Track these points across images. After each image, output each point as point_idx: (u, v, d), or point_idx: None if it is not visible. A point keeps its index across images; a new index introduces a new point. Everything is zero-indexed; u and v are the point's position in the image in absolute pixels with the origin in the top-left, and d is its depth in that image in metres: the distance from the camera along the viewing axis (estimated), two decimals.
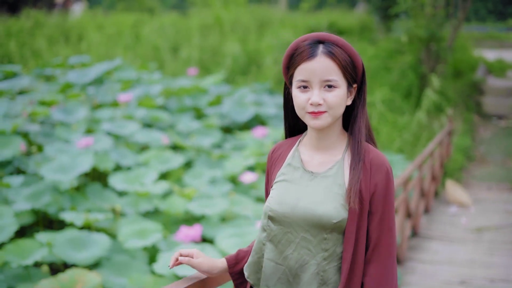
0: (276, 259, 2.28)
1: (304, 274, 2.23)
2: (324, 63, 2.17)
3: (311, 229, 2.22)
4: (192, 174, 8.68)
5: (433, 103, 12.69)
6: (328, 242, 2.21)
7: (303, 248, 2.23)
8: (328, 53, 2.18)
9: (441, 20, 14.36)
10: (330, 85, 2.18)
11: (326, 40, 2.21)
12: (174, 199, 7.60)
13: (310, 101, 2.18)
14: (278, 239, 2.27)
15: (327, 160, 2.30)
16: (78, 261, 5.76)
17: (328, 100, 2.18)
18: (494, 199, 9.83)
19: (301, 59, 2.19)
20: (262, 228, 2.33)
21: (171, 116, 11.48)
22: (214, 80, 14.12)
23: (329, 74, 2.17)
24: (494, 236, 7.86)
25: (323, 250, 2.22)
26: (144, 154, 9.05)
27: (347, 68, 2.20)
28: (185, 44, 18.32)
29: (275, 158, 2.42)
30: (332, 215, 2.19)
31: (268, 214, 2.29)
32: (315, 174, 2.29)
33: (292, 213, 2.24)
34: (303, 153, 2.36)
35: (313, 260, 2.22)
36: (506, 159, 12.66)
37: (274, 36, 18.34)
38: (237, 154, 9.63)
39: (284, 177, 2.33)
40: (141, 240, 6.22)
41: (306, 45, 2.20)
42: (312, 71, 2.18)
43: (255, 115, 12.03)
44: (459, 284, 6.26)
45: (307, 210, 2.22)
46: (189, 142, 10.02)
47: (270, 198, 2.31)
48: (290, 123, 2.45)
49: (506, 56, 21.37)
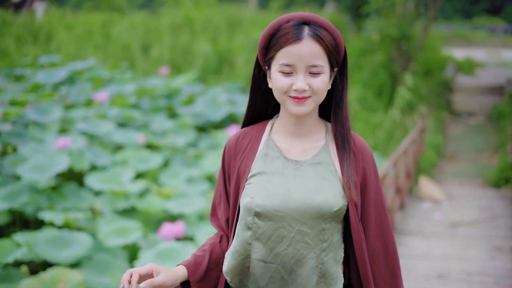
0: (266, 258, 2.11)
1: (302, 269, 2.10)
2: (311, 47, 2.02)
3: (308, 221, 2.08)
4: (168, 173, 8.68)
5: (406, 101, 12.84)
6: (327, 233, 2.10)
7: (299, 242, 2.08)
8: (315, 36, 2.03)
9: (412, 19, 14.54)
10: (315, 71, 2.04)
11: (311, 21, 2.05)
12: (152, 198, 7.61)
13: (294, 86, 2.04)
14: (267, 237, 2.09)
15: (310, 147, 2.17)
16: (60, 260, 5.73)
17: (314, 86, 2.05)
18: (466, 195, 9.99)
19: (286, 41, 2.03)
20: (245, 226, 2.12)
21: (145, 116, 11.45)
22: (185, 79, 14.13)
23: (316, 59, 2.03)
24: (468, 231, 7.99)
25: (321, 242, 2.10)
26: (121, 153, 9.03)
27: (333, 52, 2.07)
28: (156, 43, 18.27)
29: (241, 148, 2.22)
30: (332, 204, 2.08)
31: (255, 210, 2.08)
32: (300, 162, 2.14)
33: (284, 206, 2.07)
34: (278, 141, 2.19)
35: (311, 253, 2.09)
36: (476, 155, 12.87)
37: (245, 36, 18.39)
38: (212, 153, 9.64)
39: (262, 168, 2.14)
40: (121, 238, 6.21)
41: (290, 26, 2.04)
42: (298, 55, 2.02)
43: (228, 114, 12.06)
44: (436, 277, 6.35)
45: (303, 201, 2.07)
46: (164, 142, 10.01)
47: (251, 193, 2.11)
48: (256, 110, 2.27)
49: (474, 54, 21.71)
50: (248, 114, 2.28)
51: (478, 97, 15.99)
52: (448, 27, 33.93)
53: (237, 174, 2.20)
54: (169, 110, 12.33)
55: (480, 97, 16.05)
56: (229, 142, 2.25)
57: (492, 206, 9.34)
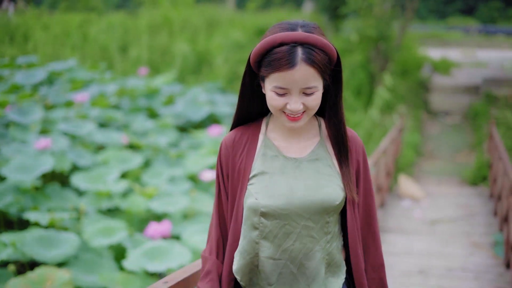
0: (274, 255, 2.17)
1: (310, 262, 2.18)
2: (305, 72, 2.03)
3: (312, 216, 2.15)
4: (151, 173, 8.73)
5: (384, 101, 13.00)
6: (330, 225, 2.19)
7: (305, 236, 2.16)
8: (308, 61, 2.02)
9: (389, 20, 14.71)
10: (309, 92, 2.07)
11: (304, 43, 2.03)
12: (135, 198, 7.65)
13: (289, 107, 2.07)
14: (274, 235, 2.16)
15: (306, 144, 2.23)
16: (48, 260, 5.76)
17: (308, 104, 2.08)
18: (445, 192, 10.16)
19: (279, 66, 2.03)
20: (251, 226, 2.18)
21: (125, 116, 11.47)
22: (165, 79, 14.16)
23: (310, 82, 2.05)
24: (448, 228, 8.13)
25: (325, 234, 2.18)
26: (102, 153, 9.05)
27: (326, 70, 2.08)
28: (134, 44, 18.27)
29: (239, 149, 2.25)
30: (334, 198, 2.15)
31: (261, 210, 2.14)
32: (299, 160, 2.20)
33: (289, 204, 2.14)
34: (275, 139, 2.24)
35: (317, 246, 2.18)
36: (453, 154, 13.06)
37: (224, 36, 18.45)
38: (194, 152, 9.70)
39: (262, 168, 2.20)
40: (107, 238, 6.26)
41: (283, 51, 2.02)
42: (292, 80, 2.04)
43: (209, 114, 12.12)
44: (418, 273, 6.47)
45: (307, 198, 2.14)
46: (146, 142, 10.04)
47: (255, 194, 2.16)
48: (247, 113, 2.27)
49: (449, 54, 21.96)
50: (238, 118, 2.29)
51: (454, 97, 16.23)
52: (422, 27, 34.24)
53: (237, 174, 2.22)
54: (149, 110, 12.36)
55: (457, 97, 16.30)
56: (225, 142, 2.26)
57: (470, 203, 9.51)
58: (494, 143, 10.09)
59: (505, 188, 7.73)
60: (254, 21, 20.07)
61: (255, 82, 2.19)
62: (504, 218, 7.49)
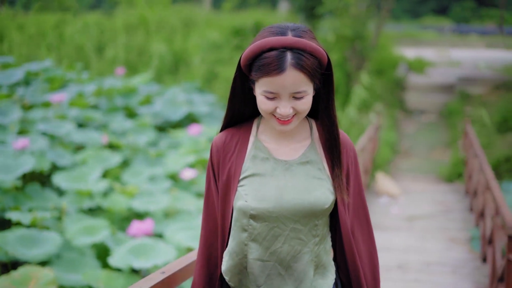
0: (262, 257, 2.18)
1: (298, 264, 2.18)
2: (294, 77, 2.03)
3: (301, 219, 2.16)
4: (131, 173, 8.76)
5: (362, 100, 13.14)
6: (319, 227, 2.19)
7: (294, 238, 2.16)
8: (297, 66, 2.02)
9: (365, 19, 14.86)
10: (299, 96, 2.07)
11: (294, 47, 2.03)
12: (116, 197, 7.69)
13: (279, 111, 2.08)
14: (262, 237, 2.17)
15: (297, 146, 2.23)
16: (30, 258, 5.79)
17: (298, 107, 2.09)
18: (421, 189, 10.31)
19: (268, 71, 2.04)
20: (240, 228, 2.18)
21: (103, 116, 11.48)
22: (142, 79, 14.17)
23: (299, 86, 2.05)
24: (425, 224, 8.26)
25: (314, 236, 2.19)
26: (82, 153, 9.07)
27: (316, 74, 2.08)
28: (111, 44, 18.24)
29: (229, 150, 2.25)
30: (323, 201, 2.16)
31: (250, 213, 2.15)
32: (289, 162, 2.20)
33: (278, 207, 2.14)
34: (266, 141, 2.24)
35: (306, 248, 2.18)
36: (429, 152, 13.24)
37: (200, 36, 18.49)
38: (173, 152, 9.75)
39: (253, 170, 2.20)
40: (89, 237, 6.29)
41: (273, 56, 2.03)
42: (281, 85, 2.04)
43: (187, 114, 12.16)
44: (397, 268, 6.58)
45: (296, 201, 2.15)
46: (125, 141, 10.07)
47: (245, 196, 2.17)
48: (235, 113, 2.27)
49: (424, 54, 22.19)
50: (229, 120, 2.29)
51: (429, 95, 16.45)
52: (397, 27, 34.52)
53: (227, 175, 2.22)
54: (127, 110, 12.37)
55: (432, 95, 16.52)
56: (216, 144, 2.26)
57: (446, 200, 9.67)
58: (469, 141, 10.26)
59: (481, 184, 7.88)
60: (231, 21, 20.12)
61: (246, 85, 2.19)
62: (480, 213, 7.65)
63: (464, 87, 16.76)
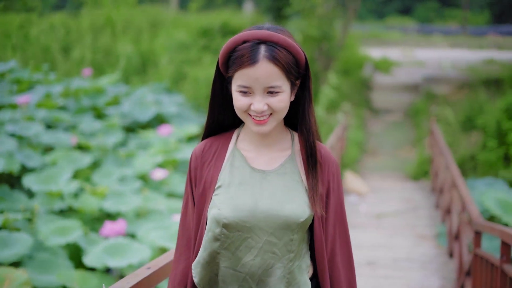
0: (234, 267, 2.10)
1: (270, 279, 2.10)
2: (267, 69, 1.99)
3: (276, 232, 2.07)
4: (101, 173, 8.77)
5: (329, 100, 13.28)
6: (294, 243, 2.10)
7: (267, 252, 2.08)
8: (270, 58, 2.00)
9: (331, 20, 15.02)
10: (273, 91, 2.02)
11: (268, 40, 2.01)
12: (87, 198, 7.69)
13: (252, 107, 2.03)
14: (235, 246, 2.09)
15: (276, 156, 2.16)
16: (2, 260, 5.78)
17: (273, 105, 2.03)
18: (389, 187, 10.48)
19: (241, 63, 2.01)
20: (213, 238, 2.10)
21: (72, 117, 11.44)
22: (109, 80, 14.13)
23: (273, 80, 2.01)
24: (393, 221, 8.42)
25: (289, 252, 2.10)
26: (51, 154, 9.04)
27: (291, 70, 2.03)
28: (77, 44, 18.13)
29: (207, 159, 2.19)
30: (298, 214, 2.08)
31: (223, 222, 2.07)
32: (266, 172, 2.13)
33: (252, 218, 2.07)
34: (244, 150, 2.17)
35: (279, 263, 2.09)
36: (395, 150, 13.43)
37: (168, 36, 18.47)
38: (143, 152, 9.77)
39: (228, 179, 2.13)
40: (62, 237, 6.30)
41: (246, 48, 2.01)
42: (254, 78, 2.00)
43: (156, 114, 12.16)
44: (366, 265, 6.70)
45: (270, 212, 2.07)
46: (94, 142, 10.05)
47: (219, 204, 2.09)
48: (215, 120, 2.21)
49: (389, 54, 22.47)
50: (209, 127, 2.24)
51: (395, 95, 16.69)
52: (362, 27, 34.83)
53: (203, 184, 2.17)
54: (95, 111, 12.33)
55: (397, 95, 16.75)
56: (195, 152, 2.21)
57: (413, 197, 9.85)
58: (434, 139, 10.45)
59: (447, 182, 8.05)
60: (198, 21, 20.13)
61: (225, 87, 2.15)
62: (447, 210, 7.82)
63: (429, 87, 17.02)
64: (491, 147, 11.23)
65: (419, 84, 17.79)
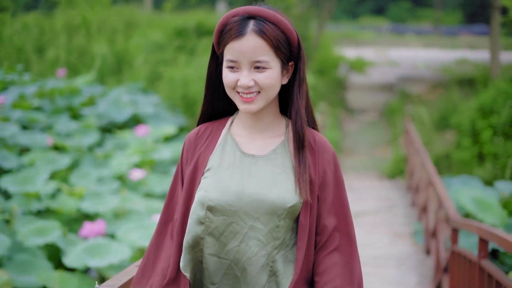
0: (219, 254, 2.06)
1: (252, 267, 2.05)
2: (253, 42, 1.98)
3: (261, 217, 2.03)
4: (78, 174, 8.73)
5: None
6: (280, 230, 2.05)
7: (252, 238, 2.03)
8: (258, 31, 1.97)
9: (307, 20, 15.11)
10: (260, 66, 2.00)
11: (257, 15, 1.99)
12: (65, 199, 7.67)
13: (239, 83, 2.01)
14: (220, 232, 2.04)
15: (268, 142, 2.12)
16: None
17: (259, 81, 2.00)
18: (365, 186, 10.58)
19: (230, 37, 2.00)
20: (197, 221, 2.06)
21: (47, 117, 11.37)
22: (84, 80, 14.06)
23: (259, 54, 1.99)
24: (371, 220, 8.51)
25: (274, 239, 2.04)
26: (28, 155, 8.99)
27: (280, 47, 2.00)
28: (51, 45, 18.01)
29: (200, 142, 2.17)
30: (286, 199, 2.03)
31: (208, 204, 2.03)
32: (257, 157, 2.09)
33: (238, 201, 2.03)
34: (237, 135, 2.15)
35: (263, 251, 2.04)
36: (371, 150, 13.54)
37: (143, 37, 18.43)
38: (120, 153, 9.74)
39: (218, 162, 2.10)
40: (41, 238, 6.28)
41: (235, 21, 2.00)
42: (241, 51, 1.99)
43: (132, 115, 12.14)
44: None
45: (257, 196, 2.03)
46: (70, 143, 10.00)
47: (206, 187, 2.06)
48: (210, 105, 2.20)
49: (364, 54, 22.61)
50: (204, 112, 2.22)
51: (370, 95, 16.82)
52: (336, 27, 35.02)
53: (193, 166, 2.14)
54: (71, 111, 12.27)
55: (372, 95, 16.89)
56: (189, 136, 2.20)
57: (390, 196, 9.96)
58: (410, 138, 10.57)
59: (423, 181, 8.15)
60: (172, 21, 20.10)
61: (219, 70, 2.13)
62: (423, 208, 7.92)
63: (403, 87, 17.18)
64: (466, 145, 11.37)
65: (394, 84, 17.95)
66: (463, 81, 16.24)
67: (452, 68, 19.36)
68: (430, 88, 16.64)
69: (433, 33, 36.53)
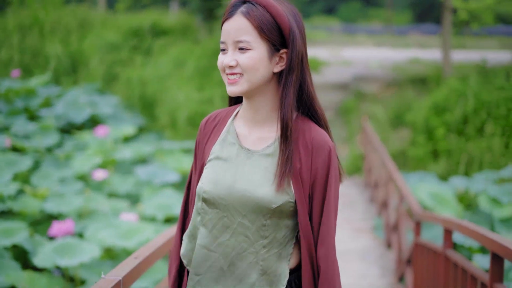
0: (209, 246, 2.08)
1: (241, 262, 2.07)
2: (237, 23, 2.02)
3: (248, 214, 2.04)
4: (40, 175, 8.71)
5: None
6: (268, 229, 2.05)
7: (240, 234, 2.05)
8: (244, 13, 2.02)
9: None
10: (242, 47, 2.01)
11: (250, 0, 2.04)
12: (27, 200, 7.65)
13: (224, 63, 2.04)
14: (213, 224, 2.08)
15: (264, 137, 2.11)
16: None
17: (240, 61, 2.02)
18: None
19: (223, 20, 2.06)
20: (196, 211, 2.13)
21: (4, 119, 11.27)
22: (39, 81, 13.95)
23: (241, 34, 2.01)
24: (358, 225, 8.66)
25: (262, 238, 2.05)
26: None
27: (263, 28, 2.01)
28: (4, 45, 17.77)
29: (209, 130, 2.21)
30: (271, 200, 2.03)
31: (202, 196, 2.08)
32: (252, 152, 2.10)
33: (228, 195, 2.05)
34: (239, 127, 2.16)
35: (251, 248, 2.06)
36: None
37: (97, 37, 18.33)
38: (81, 153, 9.73)
39: (218, 154, 2.13)
40: (7, 239, 6.27)
41: (230, 5, 2.06)
42: (227, 31, 2.04)
43: (91, 115, 12.10)
44: None
45: (244, 193, 2.04)
46: (28, 144, 9.95)
47: (203, 178, 2.11)
48: None
49: (317, 53, 22.85)
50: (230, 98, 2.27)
51: (325, 94, 16.97)
52: None
53: (201, 155, 2.20)
54: (28, 113, 12.18)
55: (328, 94, 17.04)
56: (201, 124, 2.25)
57: (349, 193, 10.15)
58: (367, 137, 10.79)
59: (382, 177, 8.36)
60: (127, 22, 20.02)
61: None
62: (383, 204, 8.12)
63: (358, 85, 17.44)
64: (420, 142, 11.67)
65: (348, 83, 18.20)
66: (416, 80, 16.59)
67: (404, 67, 19.74)
68: (384, 87, 16.94)
69: (384, 32, 37.11)
